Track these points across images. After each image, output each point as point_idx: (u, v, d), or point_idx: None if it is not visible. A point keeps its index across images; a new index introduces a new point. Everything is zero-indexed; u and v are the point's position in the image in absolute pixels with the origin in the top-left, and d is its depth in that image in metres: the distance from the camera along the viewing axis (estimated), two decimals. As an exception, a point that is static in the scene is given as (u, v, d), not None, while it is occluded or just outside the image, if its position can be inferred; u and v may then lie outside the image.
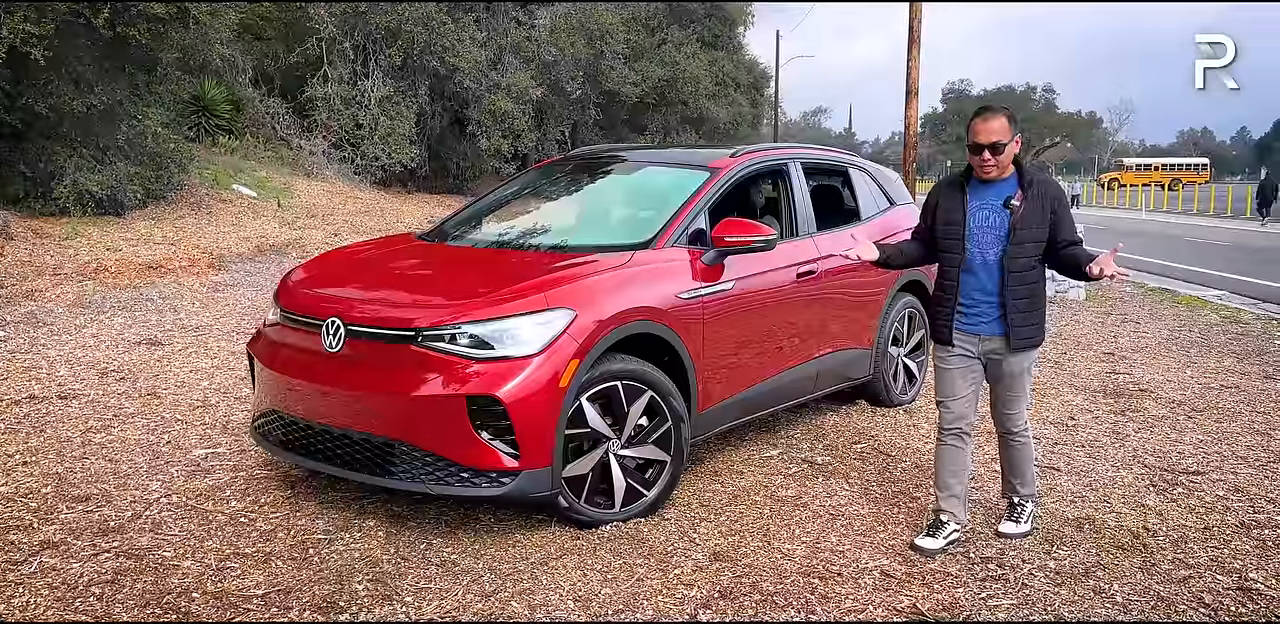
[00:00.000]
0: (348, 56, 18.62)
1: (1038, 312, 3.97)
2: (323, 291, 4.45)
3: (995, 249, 3.89)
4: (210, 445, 5.21)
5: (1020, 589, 3.66)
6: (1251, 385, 7.01)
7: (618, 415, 4.21)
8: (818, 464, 5.06)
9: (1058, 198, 3.93)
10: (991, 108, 3.91)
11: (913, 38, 16.46)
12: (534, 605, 3.52)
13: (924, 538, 4.04)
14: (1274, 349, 8.53)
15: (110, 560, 3.83)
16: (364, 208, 17.06)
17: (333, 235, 14.22)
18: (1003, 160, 3.84)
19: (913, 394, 6.32)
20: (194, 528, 4.16)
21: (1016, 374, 4.01)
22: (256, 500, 4.48)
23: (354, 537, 4.10)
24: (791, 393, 5.32)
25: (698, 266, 4.58)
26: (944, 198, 4.04)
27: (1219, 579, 3.75)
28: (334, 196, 17.15)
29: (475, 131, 19.83)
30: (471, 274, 4.48)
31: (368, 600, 3.55)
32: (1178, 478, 4.89)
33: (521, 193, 5.71)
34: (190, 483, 4.66)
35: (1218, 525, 4.27)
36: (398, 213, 17.56)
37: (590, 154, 5.91)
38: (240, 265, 11.42)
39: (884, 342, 5.94)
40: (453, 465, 3.91)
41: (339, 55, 18.59)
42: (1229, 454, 5.30)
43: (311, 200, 16.32)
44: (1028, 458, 4.18)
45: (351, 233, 14.70)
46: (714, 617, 3.45)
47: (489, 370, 3.87)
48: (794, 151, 5.65)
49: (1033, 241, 3.87)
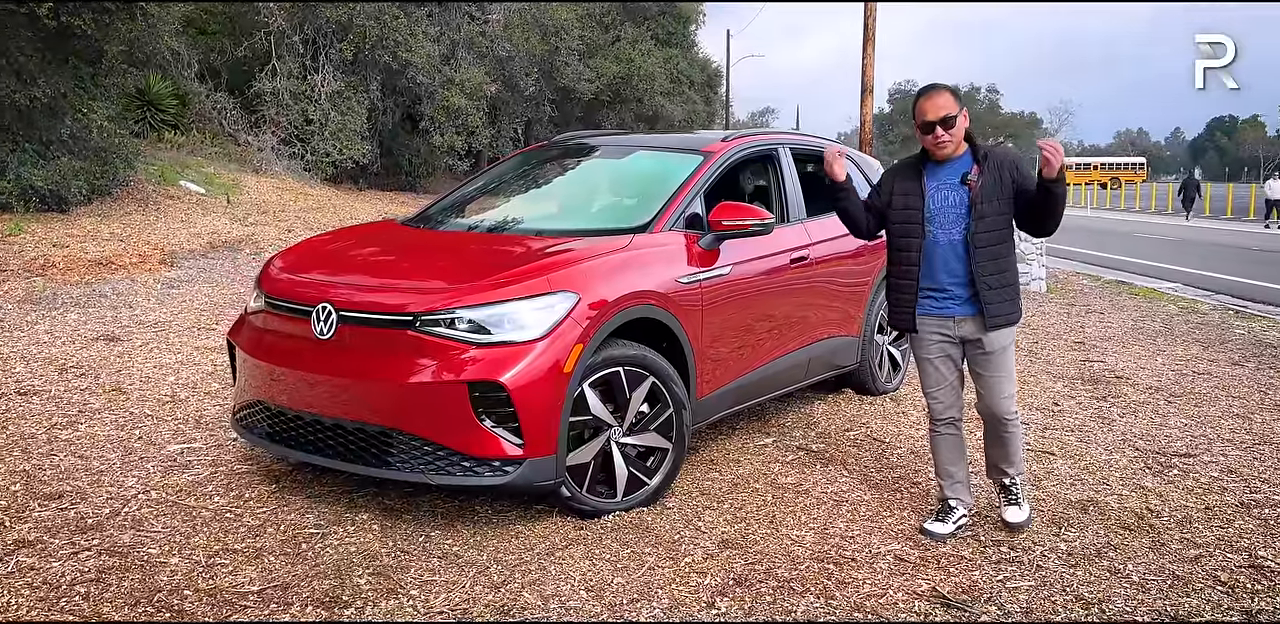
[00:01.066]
0: (297, 51, 18.23)
1: (1010, 287, 3.84)
2: (311, 277, 4.28)
3: (958, 227, 3.78)
4: (185, 441, 5.01)
5: (1036, 571, 3.63)
6: (1221, 372, 7.11)
7: (619, 402, 4.11)
8: (814, 451, 5.00)
9: (1014, 163, 3.80)
10: (933, 85, 3.82)
11: (868, 36, 16.56)
12: (546, 596, 3.40)
13: (934, 523, 3.99)
14: (1234, 338, 8.68)
15: (92, 559, 3.64)
16: (315, 204, 16.74)
17: (286, 232, 13.90)
18: (955, 134, 3.76)
19: (897, 382, 6.30)
20: (178, 524, 3.97)
21: (997, 352, 3.88)
22: (241, 495, 4.30)
23: (347, 531, 3.95)
24: (785, 380, 5.26)
25: (695, 251, 4.50)
26: (899, 181, 3.94)
27: (1230, 557, 3.75)
28: (284, 193, 16.80)
29: (428, 128, 19.54)
30: (468, 258, 4.34)
31: (372, 594, 3.41)
32: (1170, 460, 4.91)
33: (508, 178, 5.58)
34: (168, 478, 4.46)
35: (1218, 506, 4.29)
36: (350, 209, 17.24)
37: (576, 139, 5.80)
38: (193, 261, 11.09)
39: (870, 329, 5.91)
40: (454, 454, 3.78)
41: (288, 49, 18.20)
42: (1214, 437, 5.35)
43: (261, 197, 15.97)
44: (1018, 442, 4.03)
45: (305, 229, 14.39)
46: (731, 604, 3.37)
47: (491, 355, 3.75)
48: (782, 137, 5.59)
49: (995, 215, 3.75)
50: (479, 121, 19.73)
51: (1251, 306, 10.94)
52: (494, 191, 5.45)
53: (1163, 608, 3.34)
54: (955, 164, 3.83)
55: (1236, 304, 11.11)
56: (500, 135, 21.02)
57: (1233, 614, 3.29)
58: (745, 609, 3.34)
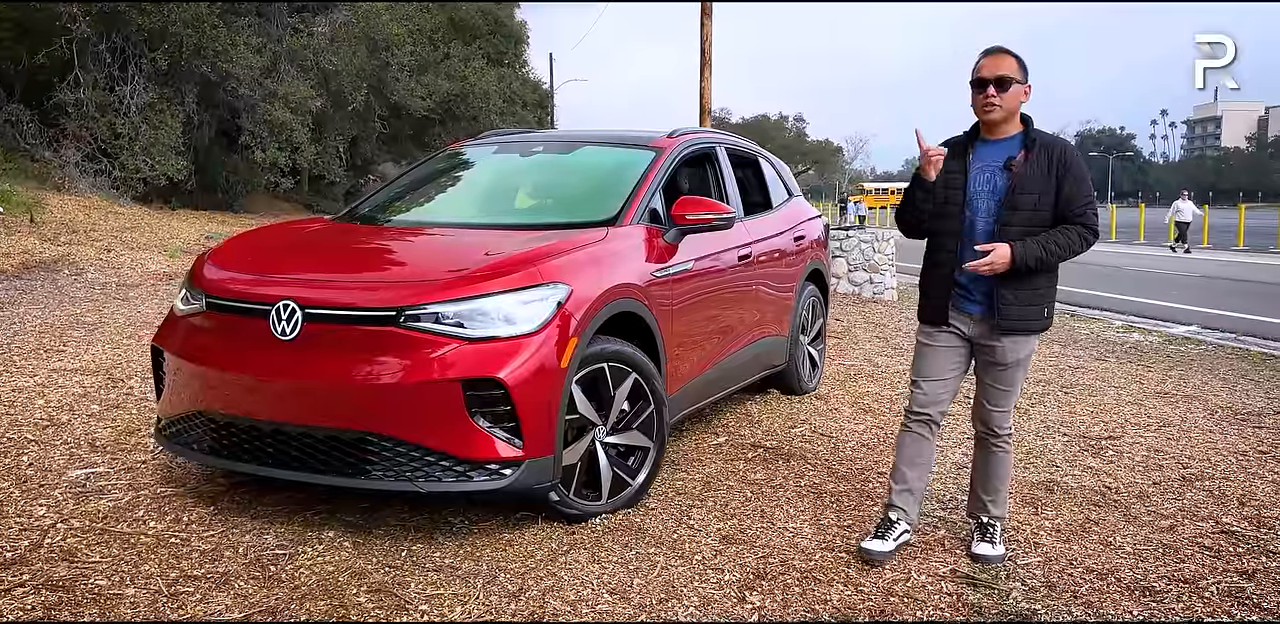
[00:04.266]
0: (104, 59, 16.93)
1: (1035, 292, 3.44)
2: (264, 275, 3.90)
3: (991, 216, 3.42)
4: (85, 465, 4.46)
5: (1036, 548, 3.71)
6: (1093, 366, 7.60)
7: (603, 400, 3.94)
8: (770, 449, 4.97)
9: (1068, 163, 3.39)
10: (1001, 47, 3.45)
11: (705, 59, 16.95)
12: (572, 602, 3.20)
13: (872, 541, 3.57)
14: (1083, 337, 9.34)
15: (31, 595, 3.17)
16: (129, 223, 15.59)
17: (105, 251, 12.90)
18: (1008, 102, 3.38)
19: (816, 382, 6.38)
20: (117, 552, 3.51)
21: (1008, 364, 3.51)
22: (179, 519, 3.85)
23: (317, 550, 3.59)
24: (734, 379, 5.22)
25: (660, 245, 4.40)
26: (947, 159, 3.47)
27: (1200, 525, 3.96)
28: (92, 212, 15.58)
29: (249, 143, 18.54)
30: (441, 252, 4.08)
31: (379, 612, 3.11)
32: (1100, 443, 5.18)
33: (445, 174, 5.29)
34: (85, 506, 3.95)
35: (1164, 481, 4.54)
36: (169, 229, 16.15)
37: (507, 136, 5.57)
38: (9, 283, 10.10)
39: (796, 329, 5.96)
40: (445, 459, 3.51)
41: (93, 58, 16.88)
42: (1122, 421, 5.69)
43: (68, 216, 14.74)
44: (1006, 471, 3.67)
45: (125, 248, 13.41)
46: (763, 599, 3.26)
47: (486, 351, 3.51)
48: (718, 137, 5.58)
49: (1031, 209, 3.38)
50: (304, 137, 18.89)
51: (1079, 311, 11.78)
52: (436, 188, 5.17)
53: (1171, 574, 3.47)
54: (1004, 145, 3.45)
55: (1066, 308, 11.95)
56: (325, 152, 20.15)
57: (1231, 576, 3.47)
58: (779, 601, 3.25)
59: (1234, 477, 4.60)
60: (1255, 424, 5.64)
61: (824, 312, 6.42)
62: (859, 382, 6.72)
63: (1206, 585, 3.38)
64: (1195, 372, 7.34)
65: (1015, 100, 3.41)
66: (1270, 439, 5.29)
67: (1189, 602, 3.25)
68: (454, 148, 5.50)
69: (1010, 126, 3.47)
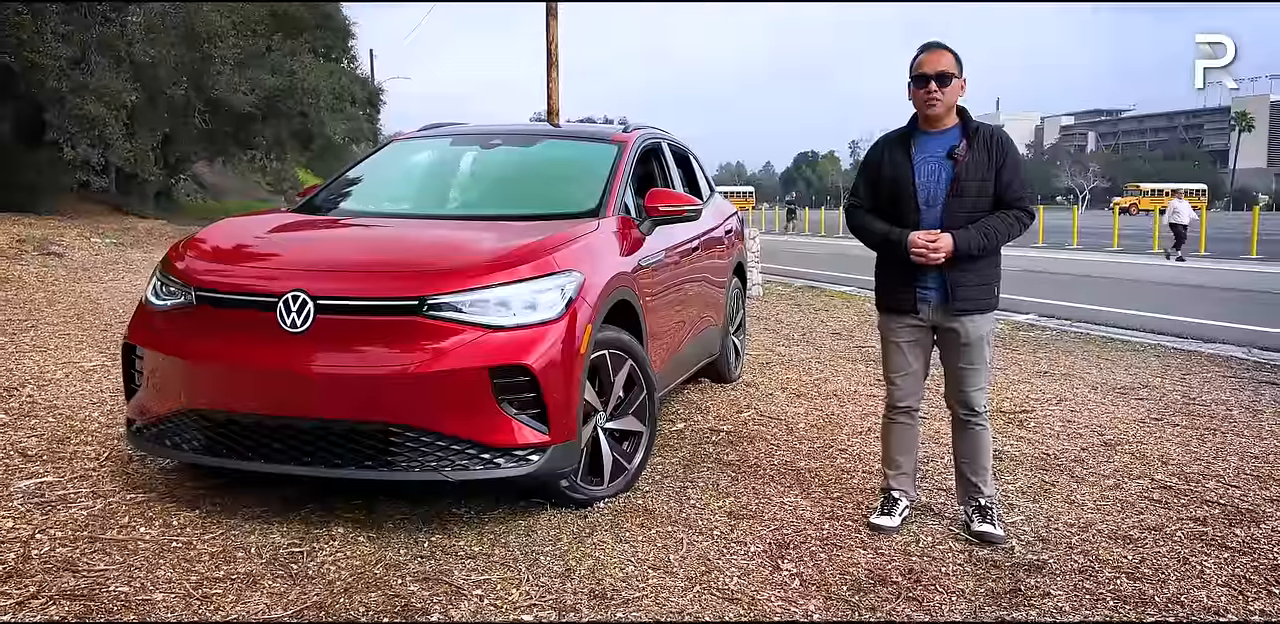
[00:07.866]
0: (-119, 44, 15.33)
1: (983, 272, 3.67)
2: (263, 266, 3.76)
3: (939, 205, 3.61)
4: (29, 476, 4.15)
5: (1014, 509, 4.02)
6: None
7: (602, 386, 4.02)
8: (730, 433, 5.15)
9: (1006, 150, 3.63)
10: (938, 43, 3.65)
11: (551, 60, 17.06)
12: (621, 579, 3.27)
13: (880, 516, 3.83)
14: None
15: (52, 606, 2.98)
16: (-86, 228, 14.20)
17: (-92, 255, 11.72)
18: (948, 96, 3.58)
19: (740, 370, 6.62)
20: (122, 560, 3.33)
21: (972, 342, 3.68)
22: (168, 524, 3.66)
23: (333, 546, 3.52)
24: (687, 366, 5.37)
25: (636, 235, 4.51)
26: (889, 154, 3.69)
27: (1139, 482, 4.41)
28: None
29: (57, 139, 17.16)
30: (448, 241, 4.02)
31: (438, 599, 3.09)
32: (1017, 416, 5.63)
33: (409, 165, 5.19)
34: (56, 516, 3.70)
35: (1090, 447, 5.00)
36: (-32, 233, 14.77)
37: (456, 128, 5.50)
38: None
39: (727, 320, 6.18)
40: (472, 446, 3.51)
41: None
42: (1024, 398, 6.18)
43: None
44: (986, 449, 3.82)
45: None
46: (796, 566, 3.43)
47: (512, 338, 3.54)
48: (661, 134, 5.73)
49: (975, 195, 3.59)
50: (118, 134, 17.64)
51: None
52: (406, 179, 5.06)
53: (1139, 524, 3.87)
54: (944, 137, 3.65)
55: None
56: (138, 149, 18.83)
57: (1188, 523, 3.90)
58: (812, 567, 3.42)
59: (1146, 441, 5.13)
60: (1136, 396, 6.27)
61: (743, 303, 6.67)
62: (774, 369, 7.01)
63: (1173, 531, 3.79)
64: (1057, 354, 8.02)
65: (955, 94, 3.62)
66: (1155, 409, 5.90)
67: (1167, 545, 3.65)
68: (402, 139, 5.39)
69: (949, 119, 3.68)
